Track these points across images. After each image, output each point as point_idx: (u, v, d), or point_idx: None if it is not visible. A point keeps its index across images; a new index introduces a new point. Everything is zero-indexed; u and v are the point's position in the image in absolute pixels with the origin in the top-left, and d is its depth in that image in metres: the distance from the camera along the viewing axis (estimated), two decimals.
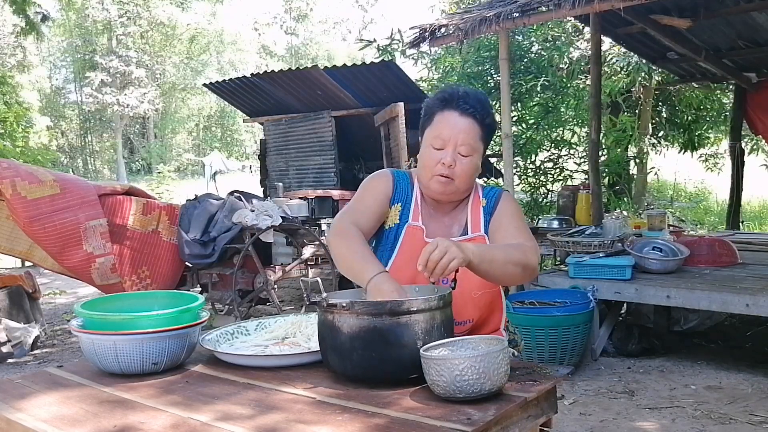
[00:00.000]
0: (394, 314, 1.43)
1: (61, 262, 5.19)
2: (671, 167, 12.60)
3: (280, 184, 6.91)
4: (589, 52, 6.62)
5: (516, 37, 8.21)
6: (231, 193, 6.00)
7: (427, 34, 5.02)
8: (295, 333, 1.81)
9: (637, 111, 9.72)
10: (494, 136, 1.88)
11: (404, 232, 1.83)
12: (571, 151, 8.89)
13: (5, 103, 13.47)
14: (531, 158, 8.69)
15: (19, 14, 9.93)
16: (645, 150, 9.84)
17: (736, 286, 4.14)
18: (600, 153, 7.05)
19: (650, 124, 10.10)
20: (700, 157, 11.89)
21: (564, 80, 8.33)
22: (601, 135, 7.26)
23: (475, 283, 1.75)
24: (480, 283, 1.75)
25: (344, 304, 1.44)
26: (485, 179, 9.54)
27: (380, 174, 1.90)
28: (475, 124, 1.78)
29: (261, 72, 8.43)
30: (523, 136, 8.54)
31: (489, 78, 8.51)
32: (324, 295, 1.51)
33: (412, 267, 1.67)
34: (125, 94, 28.86)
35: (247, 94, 8.79)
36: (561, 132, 8.98)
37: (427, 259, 1.51)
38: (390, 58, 8.55)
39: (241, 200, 5.74)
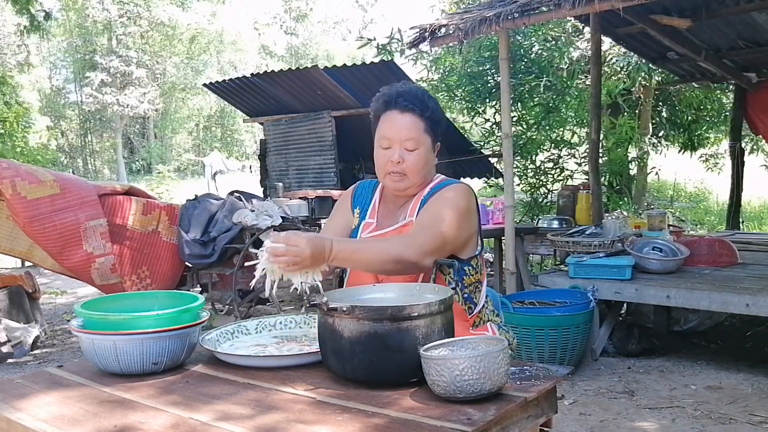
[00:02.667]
0: (395, 319, 1.43)
1: (61, 262, 5.19)
2: (671, 167, 12.59)
3: (280, 184, 6.91)
4: (589, 52, 6.62)
5: (516, 37, 8.20)
6: (231, 193, 6.00)
7: (427, 34, 5.01)
8: (295, 334, 1.81)
9: (637, 111, 9.72)
10: (440, 128, 1.92)
11: (360, 229, 1.97)
12: (572, 151, 8.89)
13: (5, 103, 13.43)
14: (531, 158, 8.69)
15: (22, 13, 9.91)
16: (645, 150, 9.84)
17: (736, 286, 4.14)
18: (600, 153, 7.05)
19: (650, 124, 10.10)
20: (700, 157, 11.90)
21: (564, 80, 8.33)
22: (601, 135, 7.26)
23: None
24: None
25: (345, 309, 1.44)
26: (485, 179, 9.53)
27: (346, 191, 2.12)
28: (417, 119, 1.85)
29: (261, 72, 8.43)
30: (524, 137, 8.54)
31: (489, 78, 8.50)
32: (324, 298, 1.50)
33: None
34: (125, 94, 28.83)
35: (247, 94, 8.79)
36: (561, 132, 8.98)
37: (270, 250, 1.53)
38: (390, 58, 8.55)
39: (241, 200, 5.74)
